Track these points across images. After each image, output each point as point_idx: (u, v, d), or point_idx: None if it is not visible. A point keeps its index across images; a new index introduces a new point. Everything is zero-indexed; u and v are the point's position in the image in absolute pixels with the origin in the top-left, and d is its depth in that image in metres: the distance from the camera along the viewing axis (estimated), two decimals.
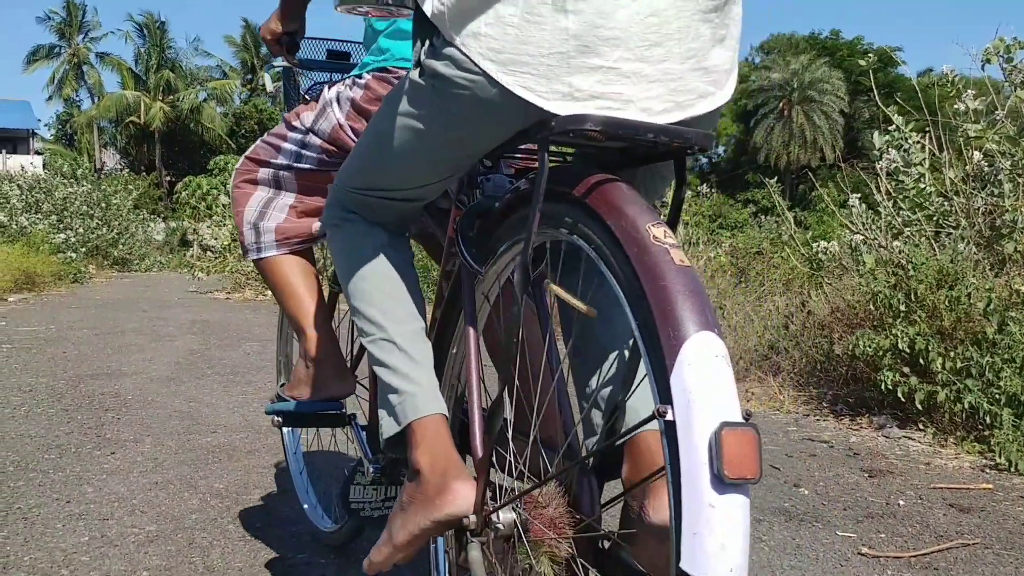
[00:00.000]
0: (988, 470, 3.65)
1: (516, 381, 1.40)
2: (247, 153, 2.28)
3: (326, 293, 2.36)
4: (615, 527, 1.36)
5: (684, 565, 0.96)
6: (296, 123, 2.18)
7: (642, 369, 1.18)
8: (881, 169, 5.28)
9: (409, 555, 1.48)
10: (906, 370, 4.23)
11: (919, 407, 4.13)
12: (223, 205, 16.37)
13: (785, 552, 2.66)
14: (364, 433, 2.17)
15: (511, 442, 1.44)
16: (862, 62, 5.57)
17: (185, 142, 54.61)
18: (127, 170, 46.27)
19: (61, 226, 19.81)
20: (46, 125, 60.72)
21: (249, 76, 56.57)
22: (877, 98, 5.41)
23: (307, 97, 2.28)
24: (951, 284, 4.26)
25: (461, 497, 1.36)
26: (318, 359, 2.17)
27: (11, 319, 9.13)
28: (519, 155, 1.54)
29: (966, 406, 3.91)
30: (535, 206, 1.21)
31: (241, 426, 4.22)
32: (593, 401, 1.46)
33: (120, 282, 17.73)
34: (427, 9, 1.26)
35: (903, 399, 4.17)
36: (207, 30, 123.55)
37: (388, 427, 1.49)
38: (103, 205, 22.63)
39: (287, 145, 2.20)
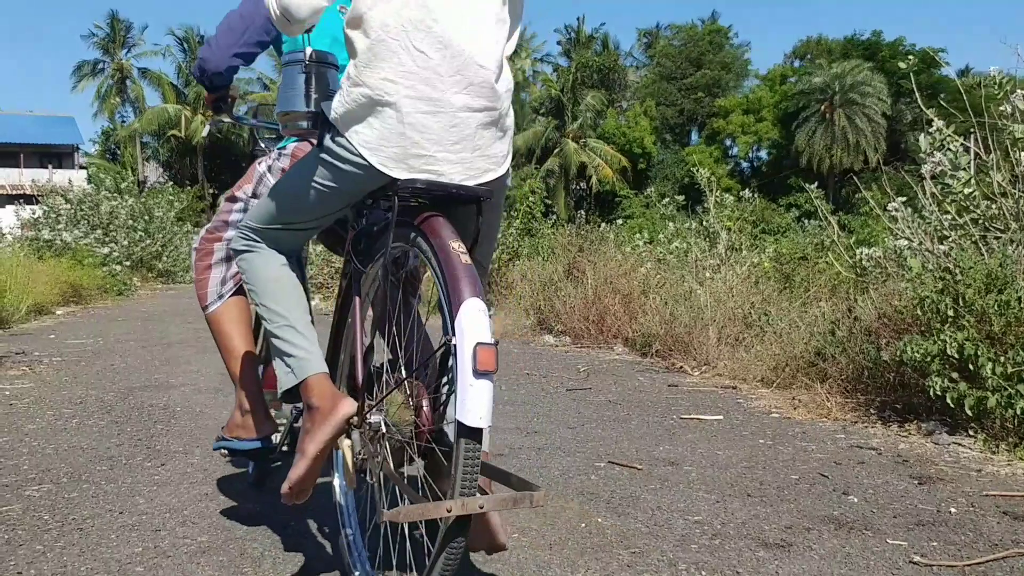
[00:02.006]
0: None
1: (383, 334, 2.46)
2: (203, 230, 3.03)
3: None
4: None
5: (458, 416, 1.85)
6: (239, 194, 2.96)
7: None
8: (926, 172, 5.22)
9: (317, 467, 2.13)
10: (955, 376, 4.17)
11: (969, 413, 4.08)
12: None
13: (835, 560, 2.64)
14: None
15: (385, 373, 2.27)
16: (902, 65, 5.50)
17: (227, 154, 55.22)
18: (171, 183, 46.83)
19: (106, 239, 20.07)
20: (91, 140, 61.67)
21: None
22: (920, 100, 5.34)
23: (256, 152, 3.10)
24: (1000, 288, 4.21)
25: (347, 404, 2.12)
26: (252, 409, 2.88)
27: (59, 332, 9.28)
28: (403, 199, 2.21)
29: (1018, 412, 3.86)
30: (390, 230, 2.15)
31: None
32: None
33: (165, 294, 17.95)
34: (330, 116, 2.14)
35: (952, 405, 4.12)
36: None
37: (287, 381, 2.21)
38: (147, 218, 22.91)
39: (233, 216, 2.94)
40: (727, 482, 3.53)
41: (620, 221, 16.19)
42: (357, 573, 2.40)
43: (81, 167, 48.07)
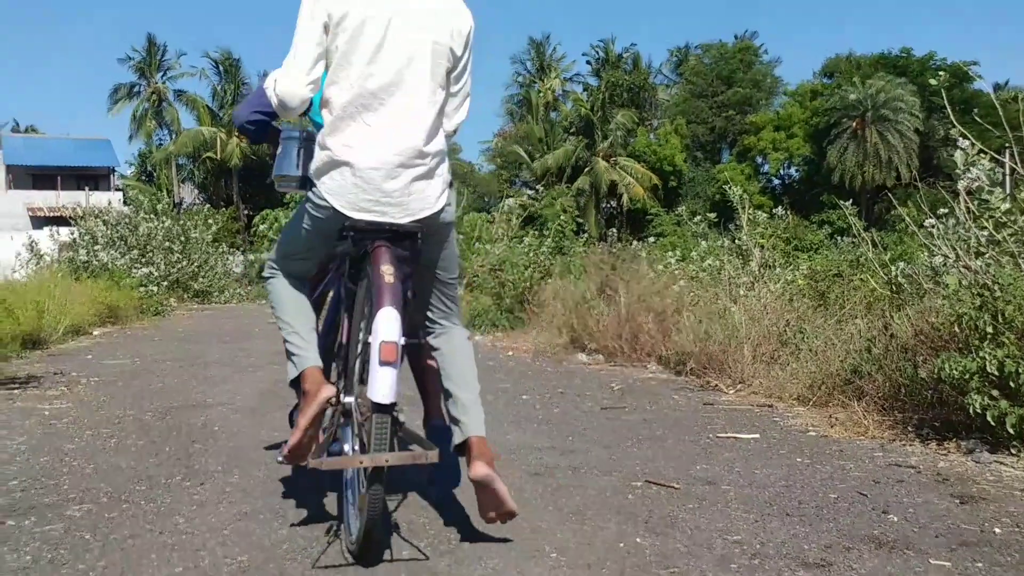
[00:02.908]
0: None
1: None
2: None
3: None
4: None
5: (369, 394, 2.60)
6: None
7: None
8: (962, 188, 5.17)
9: (307, 435, 2.83)
10: (995, 393, 4.13)
11: (1010, 431, 4.03)
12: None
13: None
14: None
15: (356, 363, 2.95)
16: (933, 81, 5.45)
17: (262, 176, 55.59)
18: (206, 205, 47.25)
19: (143, 260, 20.29)
20: (127, 162, 62.42)
21: None
22: (952, 116, 5.30)
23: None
24: None
25: (327, 390, 2.87)
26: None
27: (97, 352, 9.39)
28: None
29: None
30: (344, 258, 3.13)
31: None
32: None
33: (201, 314, 18.11)
34: (309, 173, 2.96)
35: (993, 423, 4.08)
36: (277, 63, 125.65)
37: (291, 373, 3.02)
38: (183, 239, 23.14)
39: None
40: (765, 501, 3.51)
41: (652, 239, 16.16)
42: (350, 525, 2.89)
43: (117, 189, 48.59)
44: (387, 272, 2.74)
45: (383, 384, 2.59)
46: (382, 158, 2.81)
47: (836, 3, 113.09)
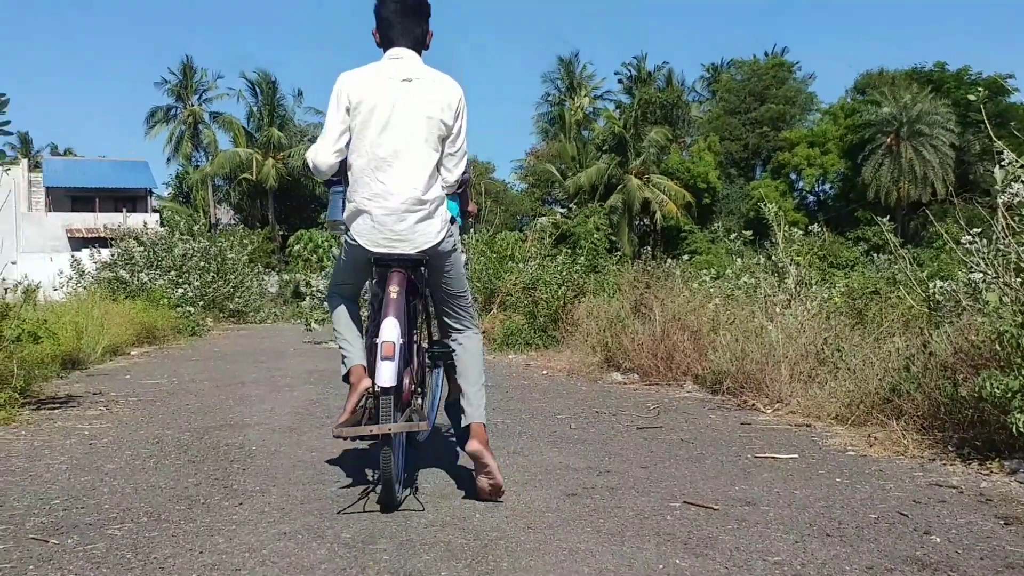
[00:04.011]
0: None
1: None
2: None
3: None
4: None
5: (375, 379, 3.56)
6: None
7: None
8: (1002, 203, 5.12)
9: (353, 416, 3.66)
10: None
11: None
12: (334, 257, 16.75)
13: None
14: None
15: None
16: (971, 97, 5.41)
17: (297, 197, 56.15)
18: (242, 225, 47.67)
19: (180, 281, 20.49)
20: (164, 184, 63.16)
21: None
22: (989, 130, 5.25)
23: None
24: None
25: (366, 381, 3.68)
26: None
27: (135, 372, 9.48)
28: None
29: None
30: (372, 279, 4.02)
31: (363, 476, 4.29)
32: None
33: (237, 334, 18.24)
34: (344, 218, 3.93)
35: None
36: (311, 82, 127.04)
37: (343, 370, 3.91)
38: (219, 260, 23.36)
39: None
40: (805, 522, 3.47)
41: (686, 256, 16.09)
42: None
43: (154, 210, 49.12)
44: (393, 291, 3.71)
45: (384, 373, 3.51)
46: (392, 207, 3.73)
47: (866, 20, 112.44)
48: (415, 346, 4.12)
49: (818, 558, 3.01)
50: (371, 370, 3.71)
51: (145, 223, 24.45)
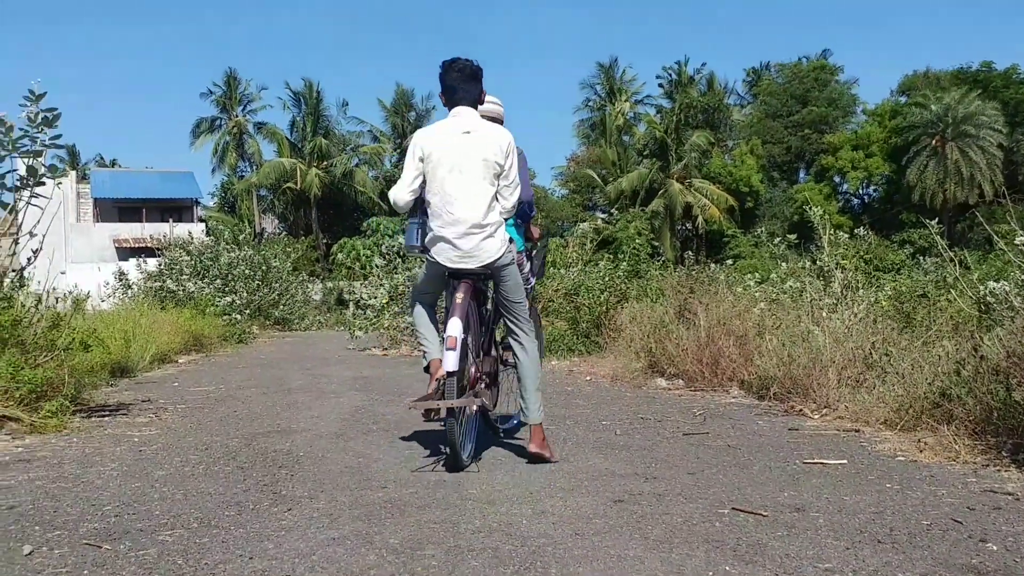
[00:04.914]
0: None
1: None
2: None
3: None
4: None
5: (443, 365, 4.52)
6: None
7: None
8: None
9: (431, 396, 4.50)
10: None
11: None
12: (377, 265, 16.83)
13: None
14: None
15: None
16: None
17: (340, 205, 56.57)
18: (286, 234, 48.08)
19: (226, 289, 20.71)
20: (210, 194, 63.93)
21: (399, 140, 58.21)
22: None
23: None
24: None
25: (442, 371, 4.48)
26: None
27: (183, 380, 9.59)
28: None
29: None
30: (451, 288, 4.94)
31: (410, 481, 4.31)
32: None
33: (282, 341, 18.38)
34: (425, 243, 4.88)
35: None
36: (357, 92, 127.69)
37: (424, 362, 4.97)
38: (264, 268, 23.56)
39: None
40: (856, 528, 3.43)
41: (729, 261, 15.98)
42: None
43: (200, 220, 49.69)
44: (459, 297, 4.66)
45: (447, 360, 4.45)
46: (460, 231, 4.66)
47: (911, 21, 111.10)
48: (484, 343, 5.19)
49: (870, 565, 2.97)
50: None
51: (191, 233, 24.74)
